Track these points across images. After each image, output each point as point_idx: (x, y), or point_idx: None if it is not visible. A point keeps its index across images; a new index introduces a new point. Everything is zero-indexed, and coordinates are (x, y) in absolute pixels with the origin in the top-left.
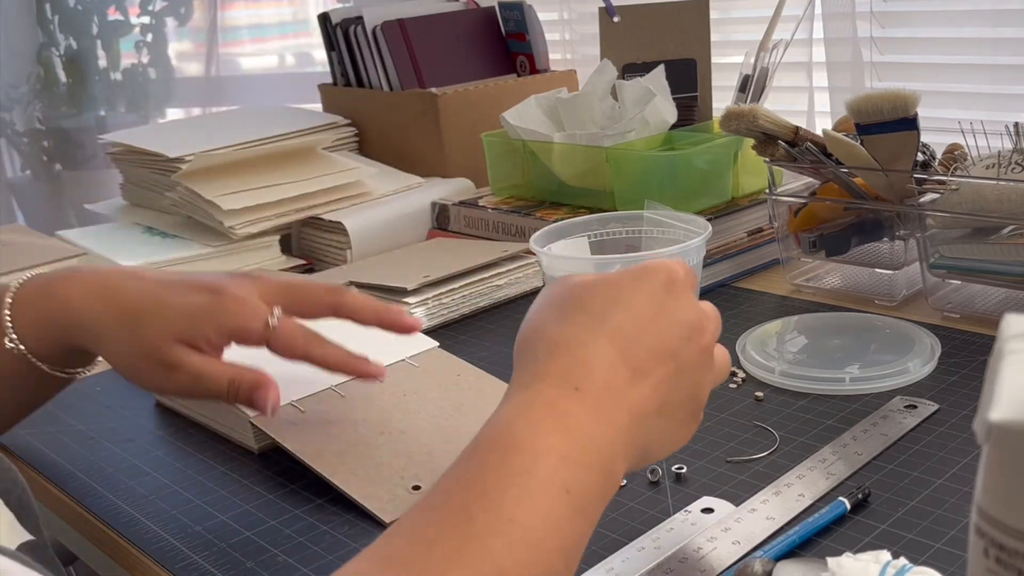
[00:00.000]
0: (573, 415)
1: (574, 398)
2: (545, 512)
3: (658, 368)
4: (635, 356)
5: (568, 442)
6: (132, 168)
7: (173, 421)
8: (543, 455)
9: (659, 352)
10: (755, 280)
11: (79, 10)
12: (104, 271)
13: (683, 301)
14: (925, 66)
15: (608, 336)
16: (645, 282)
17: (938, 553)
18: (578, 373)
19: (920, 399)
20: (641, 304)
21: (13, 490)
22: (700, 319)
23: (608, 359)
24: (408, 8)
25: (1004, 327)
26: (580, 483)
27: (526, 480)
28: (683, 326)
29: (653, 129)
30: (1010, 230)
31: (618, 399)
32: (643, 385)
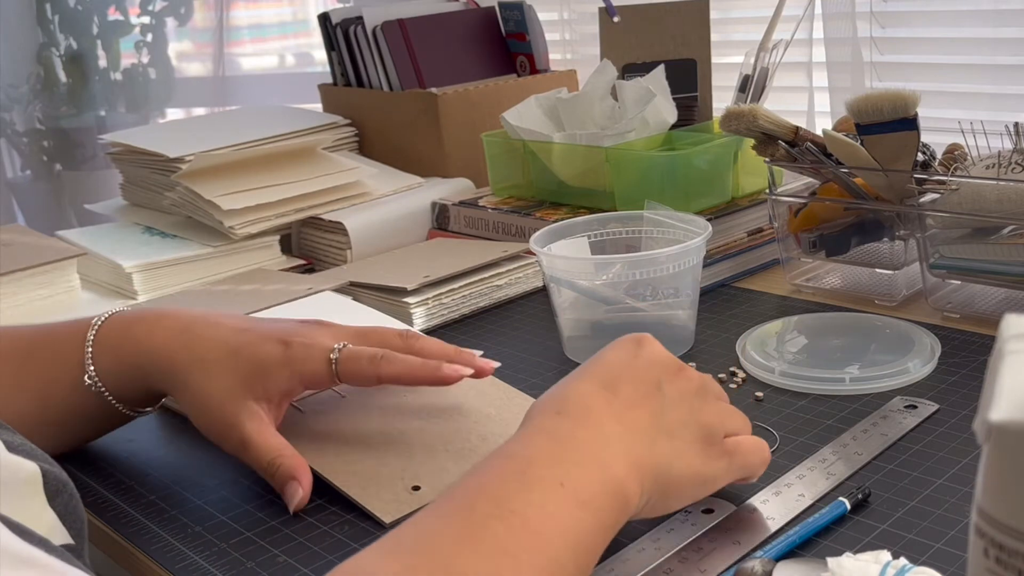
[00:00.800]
0: (559, 428)
1: (559, 419)
2: (542, 503)
3: (646, 398)
4: (620, 388)
5: (557, 446)
6: (132, 168)
7: (174, 421)
8: (534, 459)
9: (644, 384)
10: (755, 280)
11: (79, 10)
12: (186, 316)
13: (656, 348)
14: (925, 66)
15: (587, 378)
16: (618, 344)
17: (938, 553)
18: (560, 403)
19: (920, 399)
20: (615, 355)
21: (62, 492)
22: (677, 362)
23: (589, 390)
24: (408, 8)
25: (1004, 327)
26: (574, 478)
27: (521, 477)
28: (659, 365)
29: (653, 129)
30: (1010, 230)
31: (602, 414)
32: (632, 408)
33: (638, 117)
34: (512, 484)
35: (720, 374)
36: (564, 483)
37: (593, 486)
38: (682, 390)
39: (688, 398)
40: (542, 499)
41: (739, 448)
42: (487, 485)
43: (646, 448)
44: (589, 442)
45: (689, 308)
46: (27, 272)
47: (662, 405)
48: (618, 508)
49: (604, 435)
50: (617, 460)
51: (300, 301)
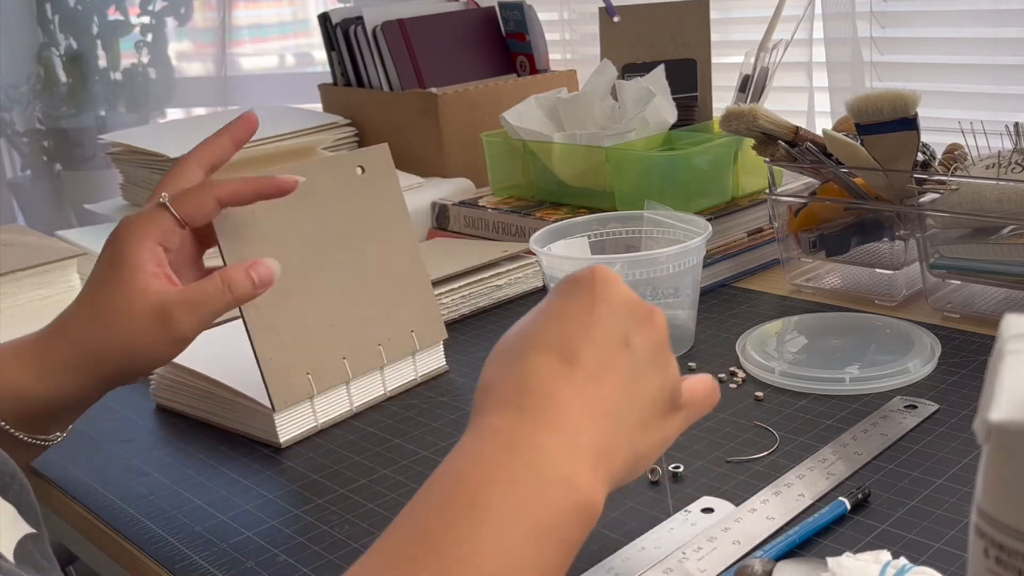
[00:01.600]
0: (517, 432)
1: (517, 418)
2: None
3: (613, 359)
4: (582, 355)
5: (514, 460)
6: (132, 168)
7: (173, 421)
8: (486, 483)
9: (608, 343)
10: (755, 280)
11: (79, 10)
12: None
13: (617, 288)
14: (925, 66)
15: (542, 348)
16: (572, 286)
17: (938, 553)
18: (516, 394)
19: (920, 399)
20: (570, 306)
21: (12, 485)
22: (644, 304)
23: (547, 368)
24: (408, 8)
25: (1004, 327)
26: (534, 504)
27: (470, 512)
28: (624, 311)
29: (653, 129)
30: (1010, 230)
31: (567, 401)
32: (599, 379)
33: (638, 117)
34: (460, 523)
35: (720, 374)
36: (522, 513)
37: (558, 510)
38: (653, 343)
39: (660, 353)
40: (495, 541)
41: (693, 399)
42: (430, 525)
43: (616, 433)
44: (553, 452)
45: (689, 308)
46: (27, 272)
47: (633, 367)
48: (585, 523)
49: (570, 436)
50: (585, 466)
51: None
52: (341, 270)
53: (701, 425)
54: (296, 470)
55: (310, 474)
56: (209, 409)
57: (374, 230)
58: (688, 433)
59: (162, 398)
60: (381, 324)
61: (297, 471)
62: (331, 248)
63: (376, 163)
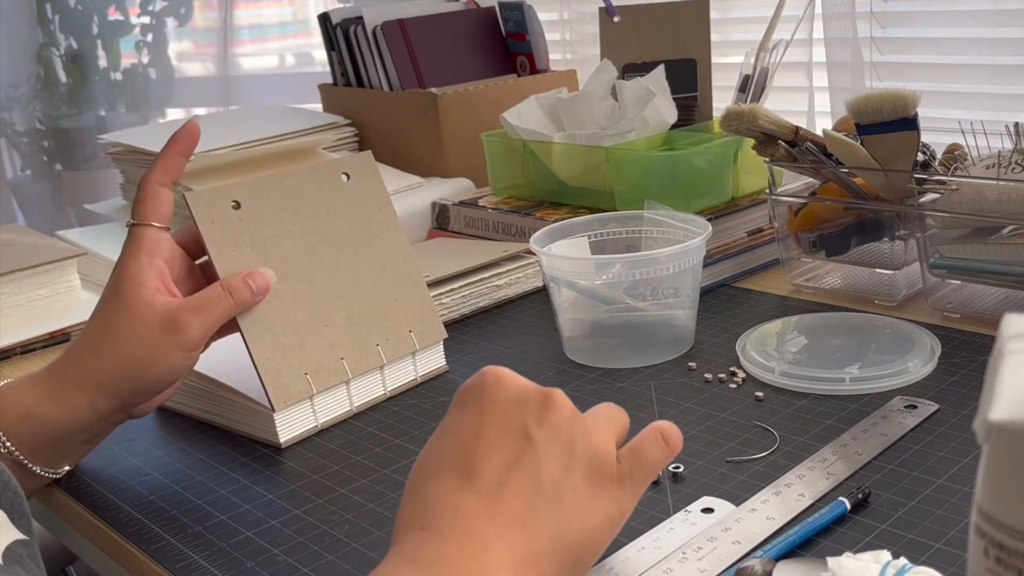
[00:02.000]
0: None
1: (422, 537)
2: None
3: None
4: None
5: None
6: (132, 168)
7: (173, 421)
8: None
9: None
10: (755, 280)
11: (79, 10)
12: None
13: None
14: (925, 66)
15: (441, 469)
16: (463, 396)
17: (938, 553)
18: (423, 514)
19: (920, 399)
20: (464, 417)
21: (5, 492)
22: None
23: (447, 487)
24: (408, 8)
25: (1004, 327)
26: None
27: None
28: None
29: (653, 129)
30: (1010, 230)
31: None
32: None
33: (638, 117)
34: None
35: (720, 374)
36: None
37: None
38: (553, 424)
39: (563, 431)
40: None
41: (636, 457)
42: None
43: (536, 533)
44: (460, 559)
45: (689, 308)
46: (27, 272)
47: (536, 461)
48: None
49: (480, 545)
50: (500, 568)
51: None
52: (332, 273)
53: (701, 425)
54: (296, 470)
55: (310, 474)
56: (209, 409)
57: (363, 234)
58: (688, 433)
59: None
60: (377, 325)
61: (297, 471)
62: (320, 252)
63: (361, 169)
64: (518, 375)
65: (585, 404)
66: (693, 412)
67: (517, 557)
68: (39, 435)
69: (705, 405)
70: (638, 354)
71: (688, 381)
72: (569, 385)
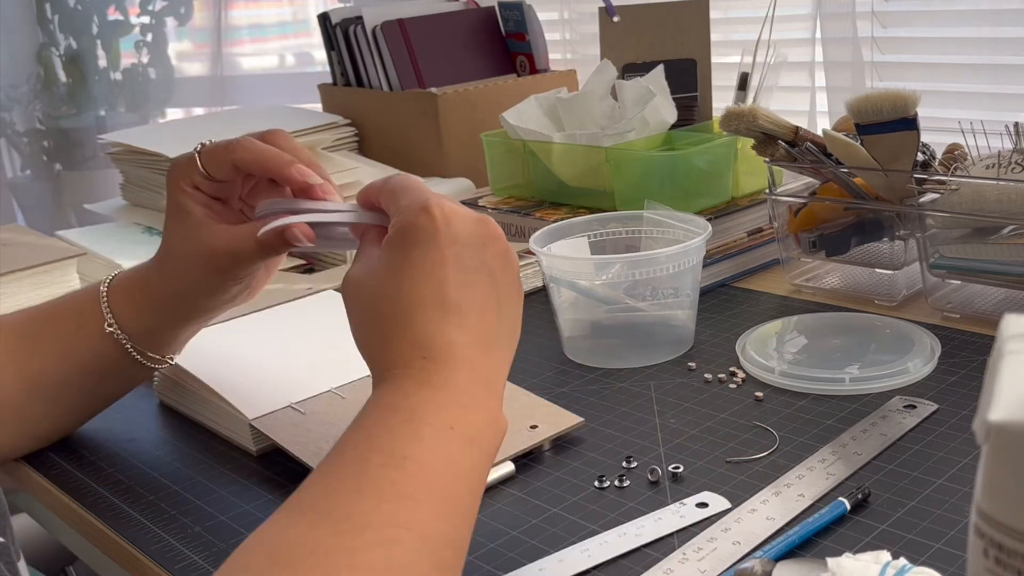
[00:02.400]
0: (435, 376)
1: (428, 365)
2: (434, 447)
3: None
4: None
5: (438, 393)
6: (132, 168)
7: (173, 421)
8: (419, 408)
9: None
10: (755, 280)
11: (79, 10)
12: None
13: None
14: (925, 66)
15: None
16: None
17: (938, 553)
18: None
19: (920, 399)
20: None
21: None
22: (477, 220)
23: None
24: (408, 8)
25: (1004, 327)
26: (461, 420)
27: (409, 426)
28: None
29: (653, 129)
30: (1010, 230)
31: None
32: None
33: (638, 117)
34: (401, 434)
35: (720, 374)
36: (454, 426)
37: (479, 424)
38: (501, 254)
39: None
40: (434, 444)
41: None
42: (375, 438)
43: (503, 353)
44: (467, 385)
45: (689, 308)
46: (27, 272)
47: (495, 291)
48: (499, 435)
49: (475, 370)
50: (493, 391)
51: (300, 301)
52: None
53: (701, 425)
54: (297, 470)
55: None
56: (197, 409)
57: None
58: (688, 433)
59: (164, 395)
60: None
61: (298, 471)
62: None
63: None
64: (456, 205)
65: (585, 404)
66: (693, 412)
67: (500, 375)
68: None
69: (705, 405)
70: (638, 354)
71: (688, 381)
72: (569, 385)
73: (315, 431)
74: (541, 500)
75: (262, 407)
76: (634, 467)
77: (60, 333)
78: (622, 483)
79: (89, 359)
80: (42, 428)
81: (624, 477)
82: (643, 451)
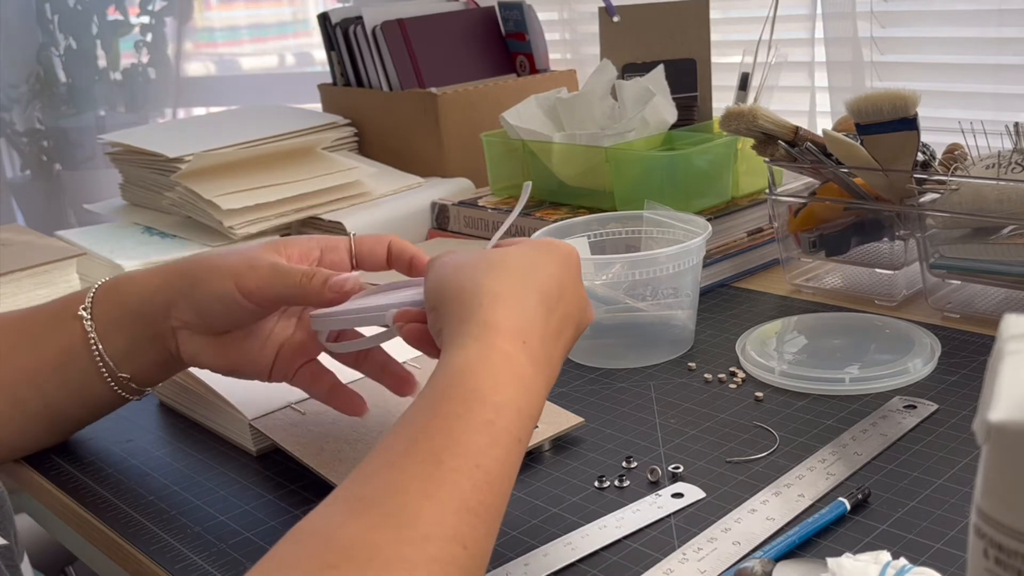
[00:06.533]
0: (524, 368)
1: (523, 351)
2: (504, 459)
3: (567, 330)
4: (556, 316)
5: (522, 396)
6: (132, 168)
7: (173, 421)
8: (504, 408)
9: (568, 317)
10: (755, 280)
11: (79, 10)
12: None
13: (580, 281)
14: (925, 66)
15: (538, 293)
16: (554, 254)
17: (938, 553)
18: (524, 326)
19: (920, 399)
20: (555, 272)
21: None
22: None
23: (542, 315)
24: (408, 8)
25: (1004, 327)
26: (527, 431)
27: (490, 430)
28: (582, 300)
29: (653, 129)
30: (1010, 230)
31: (550, 354)
32: (559, 343)
33: (638, 117)
34: (482, 438)
35: (720, 374)
36: (521, 439)
37: (530, 435)
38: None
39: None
40: (505, 456)
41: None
42: (455, 435)
43: (552, 371)
44: (541, 392)
45: (689, 308)
46: (27, 272)
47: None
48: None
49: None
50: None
51: None
52: None
53: (701, 425)
54: (297, 471)
55: (311, 474)
56: (196, 409)
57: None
58: (688, 433)
59: (163, 395)
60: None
61: (298, 472)
62: None
63: None
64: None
65: (585, 405)
66: (693, 412)
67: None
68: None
69: (705, 405)
70: (638, 354)
71: (688, 381)
72: (569, 385)
73: (315, 431)
74: (541, 500)
75: (262, 407)
76: (634, 467)
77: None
78: (622, 483)
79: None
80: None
81: (624, 477)
82: (643, 451)
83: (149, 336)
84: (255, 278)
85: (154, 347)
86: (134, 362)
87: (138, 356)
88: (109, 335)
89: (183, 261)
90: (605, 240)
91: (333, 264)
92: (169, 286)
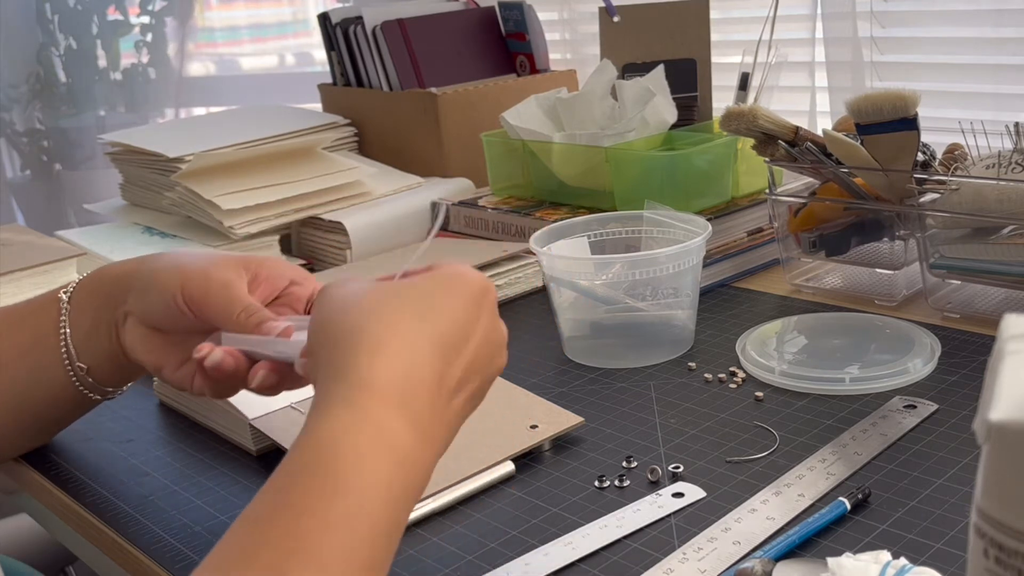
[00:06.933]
0: (402, 438)
1: (403, 417)
2: (368, 557)
3: (470, 383)
4: (456, 368)
5: (398, 473)
6: (132, 168)
7: (173, 421)
8: (369, 494)
9: (474, 368)
10: (755, 280)
11: (79, 10)
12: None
13: (496, 320)
14: (925, 66)
15: (434, 340)
16: (461, 291)
17: (938, 553)
18: (406, 388)
19: (920, 399)
20: (460, 315)
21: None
22: (504, 340)
23: (436, 368)
24: (408, 8)
25: (1004, 327)
26: (405, 511)
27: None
28: (493, 346)
29: (653, 129)
30: (1010, 230)
31: (442, 414)
32: (458, 399)
33: (638, 117)
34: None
35: (720, 374)
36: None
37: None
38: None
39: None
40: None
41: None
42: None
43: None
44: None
45: (689, 308)
46: (27, 272)
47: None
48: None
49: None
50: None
51: None
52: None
53: (701, 425)
54: None
55: None
56: (196, 409)
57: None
58: (688, 433)
59: (163, 395)
60: None
61: None
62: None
63: None
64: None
65: (585, 405)
66: (693, 412)
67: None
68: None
69: (705, 405)
70: (638, 354)
71: (688, 381)
72: (569, 385)
73: None
74: (541, 500)
75: (261, 407)
76: (634, 467)
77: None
78: (622, 483)
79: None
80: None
81: (624, 477)
82: (643, 451)
83: (107, 321)
84: (200, 289)
85: (108, 335)
86: (91, 350)
87: (94, 343)
88: (77, 317)
89: (162, 253)
90: (605, 240)
91: (295, 297)
92: (135, 273)
